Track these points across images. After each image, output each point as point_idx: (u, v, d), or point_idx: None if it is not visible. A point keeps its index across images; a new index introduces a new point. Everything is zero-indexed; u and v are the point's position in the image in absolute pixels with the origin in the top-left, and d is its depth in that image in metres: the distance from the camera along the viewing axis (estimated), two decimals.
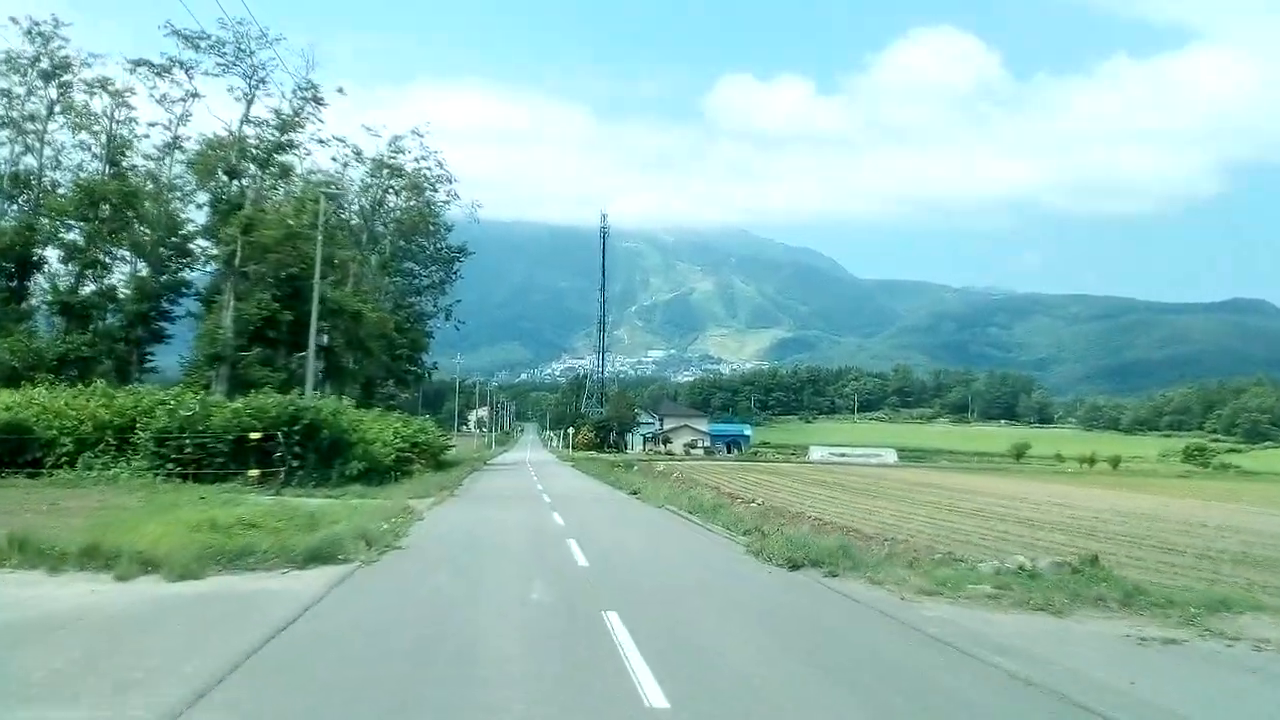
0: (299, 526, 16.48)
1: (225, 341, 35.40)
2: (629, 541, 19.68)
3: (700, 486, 41.34)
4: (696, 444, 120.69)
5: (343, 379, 43.48)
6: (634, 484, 38.14)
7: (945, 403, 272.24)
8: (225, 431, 27.76)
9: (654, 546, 19.01)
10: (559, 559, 16.00)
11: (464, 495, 32.71)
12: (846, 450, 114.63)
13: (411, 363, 57.56)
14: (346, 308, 38.30)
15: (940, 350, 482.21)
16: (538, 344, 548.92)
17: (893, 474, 73.93)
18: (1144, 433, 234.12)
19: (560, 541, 18.49)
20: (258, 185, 39.33)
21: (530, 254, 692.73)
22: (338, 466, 28.87)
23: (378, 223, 53.38)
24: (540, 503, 29.51)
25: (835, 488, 50.46)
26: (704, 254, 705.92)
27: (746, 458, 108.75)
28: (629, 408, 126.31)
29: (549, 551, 17.08)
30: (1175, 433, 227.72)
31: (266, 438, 27.68)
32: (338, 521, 17.85)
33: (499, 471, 54.74)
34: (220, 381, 34.26)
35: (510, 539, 19.14)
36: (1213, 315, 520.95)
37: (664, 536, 21.15)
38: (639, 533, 21.81)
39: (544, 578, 13.31)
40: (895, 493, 48.63)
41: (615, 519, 25.26)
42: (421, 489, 30.72)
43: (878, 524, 27.50)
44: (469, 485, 38.30)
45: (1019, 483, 65.55)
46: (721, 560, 16.52)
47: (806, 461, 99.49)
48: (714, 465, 72.85)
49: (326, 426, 28.55)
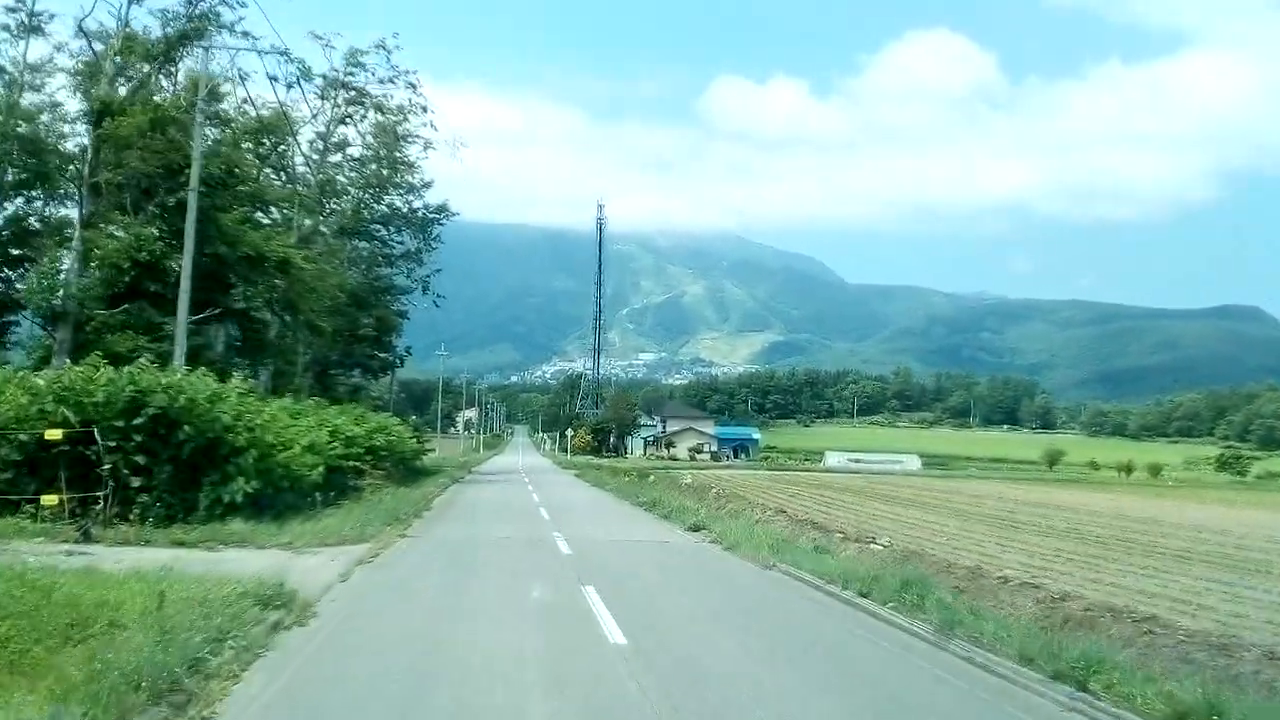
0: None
1: (68, 293, 23.30)
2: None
3: (759, 508, 29.66)
4: (702, 448, 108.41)
5: (266, 356, 31.46)
6: (677, 507, 26.39)
7: (946, 407, 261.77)
8: (12, 428, 15.94)
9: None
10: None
11: (427, 532, 20.76)
12: (863, 456, 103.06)
13: (380, 346, 45.26)
14: (268, 255, 26.34)
15: (932, 355, 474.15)
16: (529, 346, 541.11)
17: (938, 484, 62.46)
18: (1151, 439, 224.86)
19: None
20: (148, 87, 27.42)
21: (522, 256, 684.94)
22: (207, 489, 16.83)
23: (334, 169, 41.08)
24: (554, 555, 17.30)
25: (912, 506, 39.05)
26: (695, 257, 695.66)
27: (757, 463, 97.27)
28: (629, 408, 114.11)
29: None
30: (1184, 439, 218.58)
31: (80, 438, 15.88)
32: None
33: (487, 483, 42.95)
34: (61, 353, 22.30)
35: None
36: (1205, 321, 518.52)
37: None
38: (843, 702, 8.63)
39: None
40: (987, 513, 37.21)
41: (744, 622, 11.34)
42: (359, 522, 18.79)
43: (1062, 574, 15.82)
44: (441, 510, 26.45)
45: (1106, 497, 54.21)
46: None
47: (829, 469, 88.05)
48: (741, 475, 61.16)
49: (191, 420, 16.56)
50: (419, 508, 24.98)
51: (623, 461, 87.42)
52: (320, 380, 41.04)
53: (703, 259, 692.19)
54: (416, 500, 26.16)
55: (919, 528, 28.37)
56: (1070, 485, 67.38)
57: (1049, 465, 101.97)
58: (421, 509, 25.11)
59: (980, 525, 30.89)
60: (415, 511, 23.86)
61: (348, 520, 18.90)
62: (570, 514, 25.95)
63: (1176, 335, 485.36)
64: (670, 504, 27.38)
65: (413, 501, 25.45)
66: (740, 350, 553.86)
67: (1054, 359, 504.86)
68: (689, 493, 35.68)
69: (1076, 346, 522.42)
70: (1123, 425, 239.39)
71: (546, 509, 27.15)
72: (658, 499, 29.53)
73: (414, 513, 23.42)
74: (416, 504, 25.22)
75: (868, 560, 16.93)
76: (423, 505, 25.90)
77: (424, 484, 33.76)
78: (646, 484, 43.03)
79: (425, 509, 25.50)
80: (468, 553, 17.12)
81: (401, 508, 23.00)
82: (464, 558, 16.46)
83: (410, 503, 24.79)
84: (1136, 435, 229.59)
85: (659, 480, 42.82)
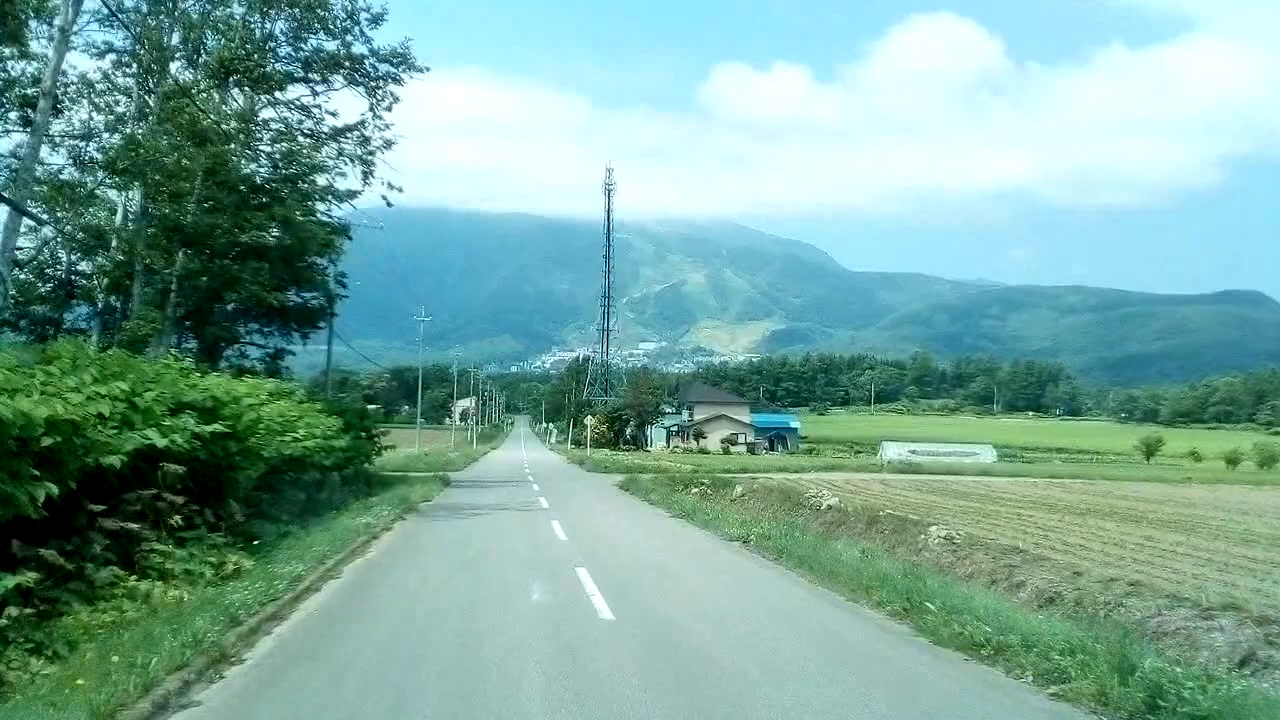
0: None
1: None
2: None
3: (1010, 559, 12.76)
4: (738, 438, 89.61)
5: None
6: (905, 581, 9.45)
7: (968, 393, 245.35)
8: None
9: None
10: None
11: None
12: (923, 447, 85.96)
13: (299, 274, 27.42)
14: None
15: (934, 342, 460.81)
16: (528, 336, 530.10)
17: (1107, 487, 45.55)
18: (1186, 424, 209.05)
19: None
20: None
21: (521, 247, 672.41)
22: None
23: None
24: None
25: (1176, 528, 22.28)
26: (695, 246, 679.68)
27: (804, 455, 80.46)
28: (651, 393, 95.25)
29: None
30: (1222, 425, 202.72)
31: None
32: None
33: (473, 504, 25.49)
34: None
35: None
36: (1209, 306, 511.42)
37: None
38: None
39: None
40: (1257, 532, 20.48)
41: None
42: None
43: None
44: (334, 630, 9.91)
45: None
46: None
47: (892, 462, 71.22)
48: (835, 479, 43.95)
49: None
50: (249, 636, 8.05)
51: (648, 456, 70.24)
52: (199, 333, 23.94)
53: (703, 247, 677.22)
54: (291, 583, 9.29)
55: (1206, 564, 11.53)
56: (1243, 483, 50.60)
57: (1146, 456, 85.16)
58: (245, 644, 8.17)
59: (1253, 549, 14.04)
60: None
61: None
62: (699, 634, 9.22)
63: (1181, 321, 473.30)
64: (875, 570, 10.68)
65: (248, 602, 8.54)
66: (741, 339, 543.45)
67: (1058, 345, 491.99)
68: (850, 524, 18.74)
69: (1080, 333, 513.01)
70: (1154, 411, 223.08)
71: (614, 600, 10.36)
72: (830, 554, 12.74)
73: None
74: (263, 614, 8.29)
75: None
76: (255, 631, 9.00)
77: (350, 515, 16.83)
78: (738, 499, 26.01)
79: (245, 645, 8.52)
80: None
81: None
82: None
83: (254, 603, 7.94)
84: (1170, 421, 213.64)
85: (758, 494, 25.74)
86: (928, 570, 12.59)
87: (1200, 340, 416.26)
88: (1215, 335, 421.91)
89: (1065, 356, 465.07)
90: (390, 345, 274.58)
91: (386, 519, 17.85)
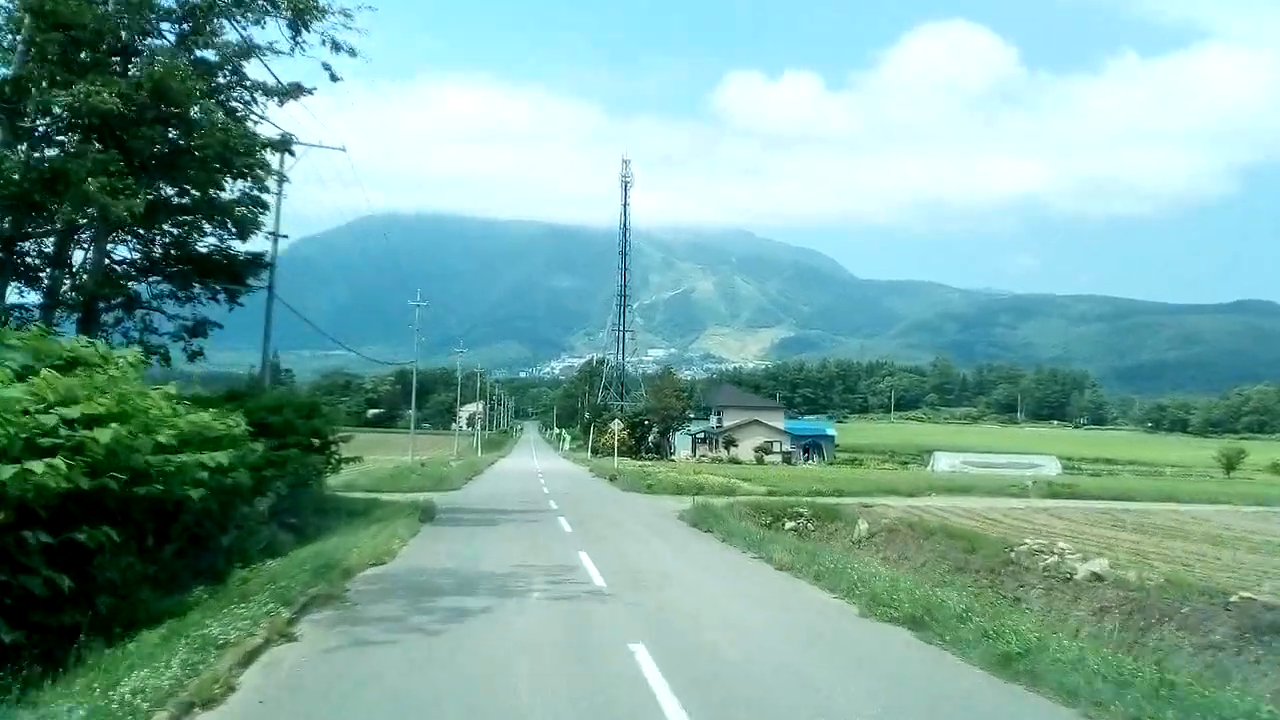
0: None
1: None
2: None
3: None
4: (773, 447, 79.39)
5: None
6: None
7: (990, 401, 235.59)
8: None
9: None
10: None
11: None
12: (977, 458, 76.66)
13: (201, 197, 17.20)
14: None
15: (944, 351, 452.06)
16: (536, 343, 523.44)
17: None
18: (1219, 434, 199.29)
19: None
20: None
21: (529, 253, 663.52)
22: None
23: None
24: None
25: None
26: (704, 253, 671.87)
27: (845, 466, 71.29)
28: (677, 396, 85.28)
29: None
30: (1257, 435, 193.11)
31: None
32: None
33: (455, 615, 10.37)
34: None
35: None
36: (1221, 316, 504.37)
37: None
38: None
39: None
40: None
41: None
42: None
43: None
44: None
45: None
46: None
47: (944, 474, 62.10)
48: (1005, 508, 34.56)
49: None
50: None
51: (672, 467, 60.95)
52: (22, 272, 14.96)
53: (712, 254, 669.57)
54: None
55: None
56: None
57: (1226, 470, 75.66)
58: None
59: None
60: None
61: None
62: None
63: (1193, 330, 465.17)
64: None
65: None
66: (751, 346, 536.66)
67: (1069, 354, 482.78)
68: (1178, 616, 9.54)
69: (1092, 342, 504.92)
70: (1183, 421, 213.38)
71: None
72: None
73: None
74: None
75: None
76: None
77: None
78: (869, 542, 16.87)
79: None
80: None
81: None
82: None
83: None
84: (1202, 431, 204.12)
85: (897, 535, 16.56)
86: None
87: (1213, 350, 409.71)
88: (1228, 345, 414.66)
89: (1077, 365, 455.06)
90: (398, 351, 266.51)
91: (314, 592, 8.09)
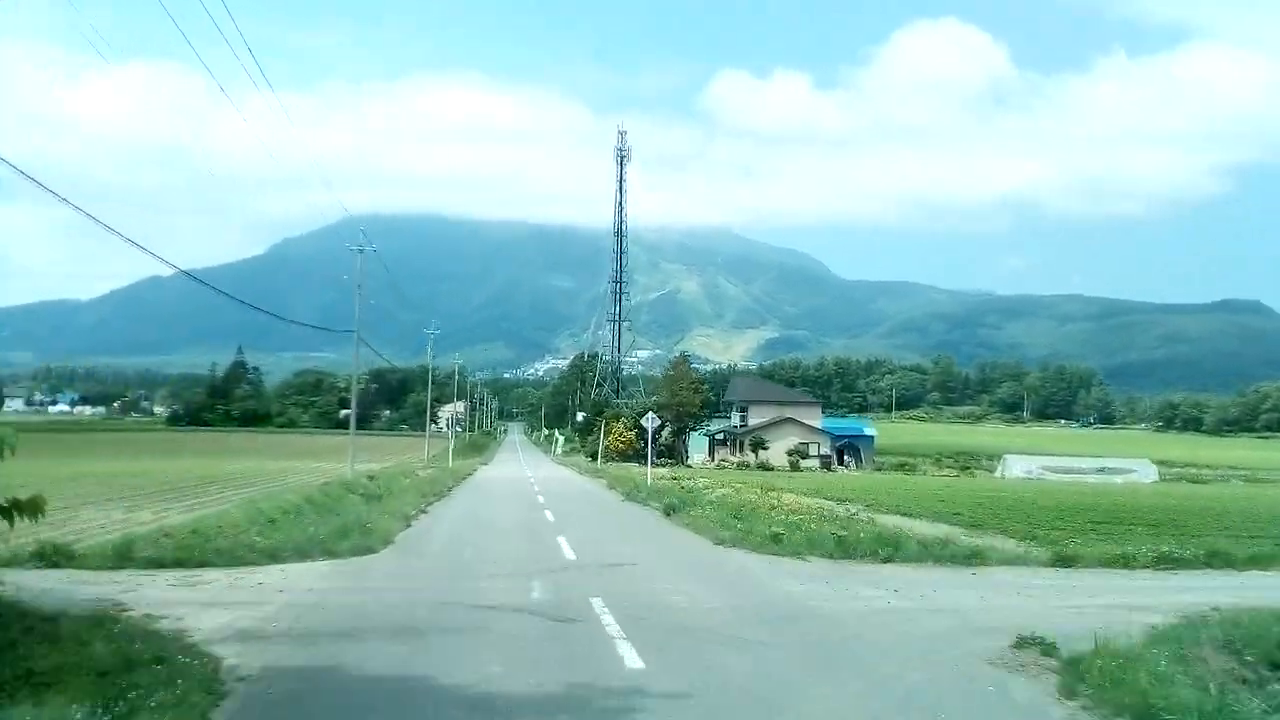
0: None
1: None
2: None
3: None
4: (809, 449, 65.61)
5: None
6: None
7: (994, 399, 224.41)
8: None
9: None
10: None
11: None
12: (1054, 461, 63.79)
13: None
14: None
15: (932, 351, 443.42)
16: (521, 344, 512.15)
17: None
18: (1234, 433, 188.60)
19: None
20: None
21: (515, 254, 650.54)
22: None
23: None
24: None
25: None
26: (690, 253, 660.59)
27: (893, 472, 58.45)
28: (693, 389, 70.65)
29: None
30: (1275, 434, 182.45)
31: None
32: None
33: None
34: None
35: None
36: (1208, 316, 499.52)
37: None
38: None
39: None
40: None
41: None
42: None
43: None
44: None
45: None
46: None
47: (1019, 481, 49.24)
48: None
49: None
50: None
51: (696, 473, 47.49)
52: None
53: (698, 255, 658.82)
54: None
55: None
56: None
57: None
58: None
59: None
60: None
61: None
62: None
63: (1180, 330, 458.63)
64: None
65: None
66: (737, 347, 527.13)
67: (1055, 354, 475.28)
68: None
69: (1079, 341, 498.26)
70: (1196, 419, 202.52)
71: None
72: None
73: None
74: None
75: None
76: None
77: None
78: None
79: None
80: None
81: None
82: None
83: None
84: (1217, 430, 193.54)
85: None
86: None
87: (1200, 349, 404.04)
88: (1215, 344, 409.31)
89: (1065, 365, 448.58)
90: (381, 351, 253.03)
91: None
